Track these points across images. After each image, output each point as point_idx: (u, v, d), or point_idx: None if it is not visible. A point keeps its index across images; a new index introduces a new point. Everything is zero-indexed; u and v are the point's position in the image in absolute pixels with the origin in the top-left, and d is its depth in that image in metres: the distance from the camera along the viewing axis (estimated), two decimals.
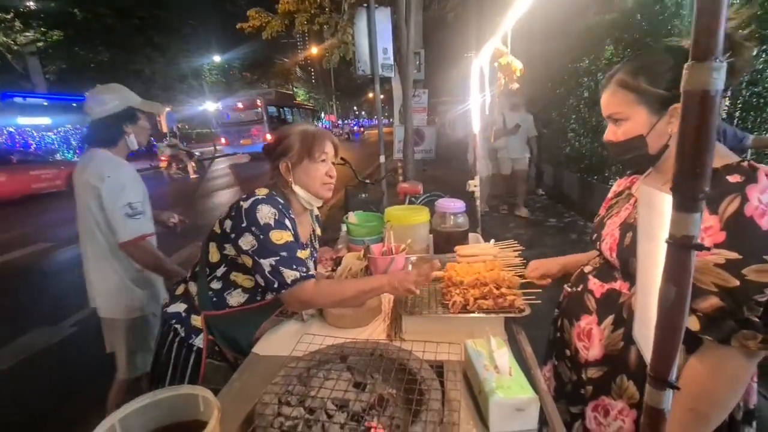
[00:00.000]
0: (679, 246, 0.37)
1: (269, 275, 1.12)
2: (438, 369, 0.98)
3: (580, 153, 6.42)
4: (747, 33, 0.75)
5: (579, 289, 1.06)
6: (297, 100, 28.65)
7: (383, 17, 5.21)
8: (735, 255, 0.70)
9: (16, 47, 13.68)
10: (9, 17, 12.98)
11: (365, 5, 4.80)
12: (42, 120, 14.22)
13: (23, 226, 7.12)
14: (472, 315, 1.16)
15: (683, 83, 0.34)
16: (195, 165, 12.13)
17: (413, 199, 3.52)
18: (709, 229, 0.74)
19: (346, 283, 1.31)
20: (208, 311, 1.27)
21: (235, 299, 1.26)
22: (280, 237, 1.14)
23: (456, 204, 1.80)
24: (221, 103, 19.58)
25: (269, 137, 1.59)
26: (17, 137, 13.35)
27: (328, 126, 34.42)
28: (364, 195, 3.90)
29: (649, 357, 0.43)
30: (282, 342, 1.22)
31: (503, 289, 1.19)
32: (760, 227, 0.69)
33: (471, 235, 1.91)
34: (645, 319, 0.46)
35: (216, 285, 1.26)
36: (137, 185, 1.71)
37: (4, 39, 13.16)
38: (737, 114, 3.69)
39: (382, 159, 5.03)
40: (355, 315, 1.31)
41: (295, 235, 1.21)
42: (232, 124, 18.56)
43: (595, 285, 1.00)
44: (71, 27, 15.00)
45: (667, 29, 4.07)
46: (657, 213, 0.43)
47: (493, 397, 0.82)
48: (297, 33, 10.07)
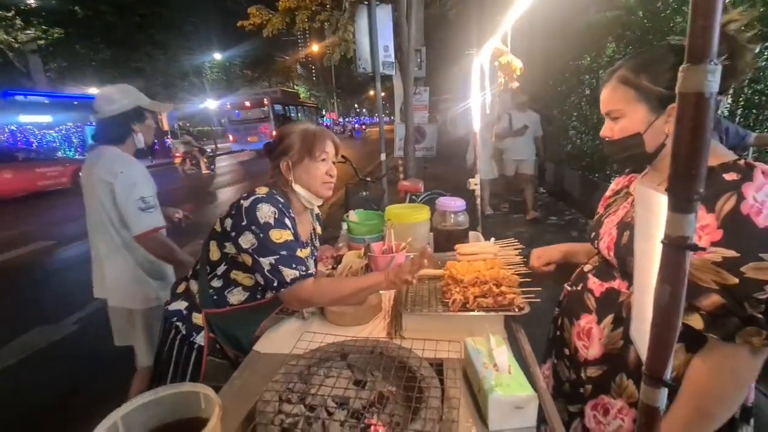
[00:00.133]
0: (675, 246, 0.37)
1: (269, 274, 1.13)
2: (438, 367, 0.99)
3: (581, 150, 6.40)
4: (751, 35, 0.74)
5: (579, 288, 1.06)
6: (301, 98, 29.32)
7: (384, 14, 5.19)
8: (732, 253, 0.70)
9: (17, 45, 13.67)
10: (10, 15, 12.98)
11: (366, 2, 4.78)
12: (43, 118, 14.22)
13: (26, 224, 7.14)
14: (471, 313, 1.17)
15: (678, 85, 0.35)
16: (207, 161, 12.65)
17: (414, 197, 3.53)
18: (706, 228, 0.74)
19: (344, 281, 1.32)
20: (208, 309, 1.28)
21: (236, 297, 1.27)
22: (279, 236, 1.15)
23: (456, 202, 1.81)
24: (229, 102, 20.31)
25: (275, 134, 1.64)
26: (19, 135, 13.38)
27: (329, 124, 34.50)
28: (364, 193, 3.89)
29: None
30: (283, 340, 1.23)
31: (503, 288, 1.19)
32: (756, 225, 0.70)
33: (471, 234, 1.91)
34: (642, 318, 0.47)
35: (216, 283, 1.27)
36: (148, 180, 1.77)
37: (5, 37, 13.16)
38: (739, 112, 3.67)
39: (383, 157, 5.02)
40: (356, 313, 1.31)
41: (295, 234, 1.22)
42: (239, 121, 19.30)
43: (595, 284, 1.00)
44: (72, 25, 14.97)
45: (669, 26, 4.05)
46: (653, 213, 0.43)
47: (492, 395, 0.82)
48: (298, 30, 10.04)
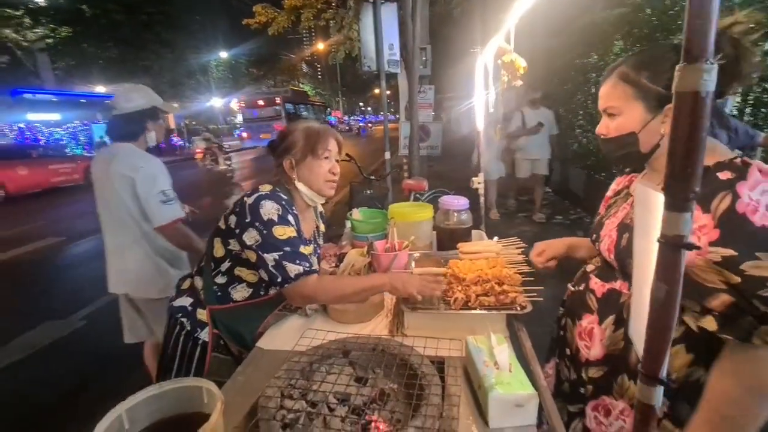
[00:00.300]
0: (671, 245, 0.37)
1: (273, 270, 1.14)
2: (439, 365, 1.00)
3: (587, 149, 6.35)
4: (757, 36, 0.73)
5: (581, 288, 1.06)
6: (310, 97, 30.70)
7: (389, 12, 5.18)
8: (731, 252, 0.70)
9: (26, 44, 13.83)
10: (19, 14, 13.13)
11: (371, 1, 4.77)
12: (51, 116, 14.40)
13: (36, 219, 7.24)
14: (473, 311, 1.17)
15: (675, 84, 0.35)
16: (224, 157, 13.45)
17: (418, 196, 3.52)
18: (704, 228, 0.73)
19: (348, 280, 1.32)
20: (213, 305, 1.29)
21: (240, 294, 1.28)
22: (283, 232, 1.16)
23: (459, 201, 1.80)
24: (243, 101, 21.87)
25: (279, 132, 1.70)
26: (27, 133, 13.56)
27: (334, 122, 34.69)
28: (369, 191, 3.90)
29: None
30: (285, 336, 1.23)
31: (505, 286, 1.20)
32: (753, 223, 0.69)
33: (475, 232, 1.91)
34: (640, 317, 0.47)
35: (221, 279, 1.28)
36: (166, 174, 1.84)
37: (14, 36, 13.31)
38: (748, 110, 3.63)
39: (387, 155, 5.01)
40: (358, 310, 1.32)
41: (299, 231, 1.22)
42: (253, 119, 20.75)
43: (597, 284, 1.00)
44: (80, 23, 15.11)
45: (677, 24, 4.00)
46: (652, 211, 0.43)
47: (492, 393, 0.83)
48: (303, 29, 10.02)
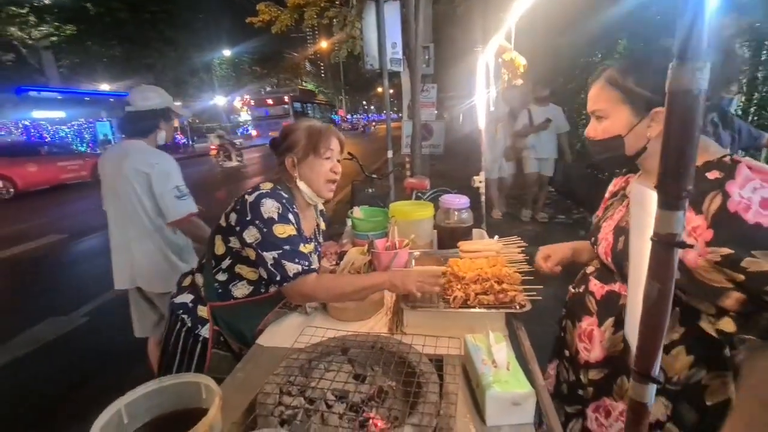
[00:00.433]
0: (664, 243, 0.37)
1: (272, 268, 1.15)
2: (438, 363, 1.00)
3: (590, 149, 6.33)
4: (742, 41, 0.73)
5: (581, 290, 1.06)
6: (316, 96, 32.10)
7: (392, 11, 5.17)
8: (728, 251, 0.70)
9: (30, 42, 13.93)
10: (24, 12, 13.22)
11: None
12: (56, 114, 14.50)
13: (40, 216, 7.29)
14: (472, 310, 1.17)
15: (668, 83, 0.35)
16: (237, 153, 13.77)
17: (420, 195, 3.52)
18: (698, 229, 0.73)
19: (347, 278, 1.33)
20: (213, 302, 1.30)
21: (240, 291, 1.29)
22: (283, 231, 1.16)
23: (460, 200, 1.81)
24: (253, 99, 23.18)
25: (281, 131, 1.73)
26: (32, 130, 13.65)
27: (337, 120, 34.78)
28: (370, 190, 3.91)
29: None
30: (285, 334, 1.24)
31: (504, 285, 1.20)
32: (746, 221, 0.69)
33: (475, 231, 1.91)
34: (635, 315, 0.47)
35: (221, 277, 1.29)
36: (178, 171, 1.88)
37: (19, 33, 13.41)
38: (752, 110, 3.61)
39: (389, 154, 5.01)
40: (358, 308, 1.32)
41: (299, 230, 1.23)
42: (262, 118, 21.93)
43: (596, 286, 1.00)
44: (84, 21, 15.19)
45: None
46: (647, 211, 0.43)
47: (490, 391, 0.83)
48: (306, 27, 10.03)
